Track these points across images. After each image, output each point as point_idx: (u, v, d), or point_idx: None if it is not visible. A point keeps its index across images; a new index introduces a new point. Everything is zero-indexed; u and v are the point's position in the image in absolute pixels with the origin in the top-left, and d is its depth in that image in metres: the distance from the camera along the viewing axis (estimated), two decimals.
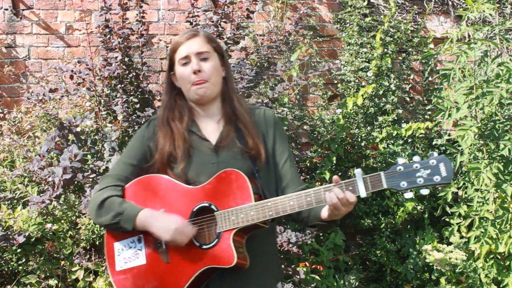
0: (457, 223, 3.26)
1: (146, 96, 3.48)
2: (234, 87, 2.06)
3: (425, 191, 1.69)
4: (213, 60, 1.97)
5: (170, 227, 1.81)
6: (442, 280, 3.69)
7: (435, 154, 1.69)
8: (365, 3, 4.62)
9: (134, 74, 3.43)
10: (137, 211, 1.87)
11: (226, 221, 1.80)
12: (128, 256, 1.92)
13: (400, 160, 1.71)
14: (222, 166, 1.87)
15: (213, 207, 1.84)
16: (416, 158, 1.71)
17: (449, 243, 3.65)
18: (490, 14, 3.11)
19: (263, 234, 1.90)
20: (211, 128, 1.99)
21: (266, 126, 2.00)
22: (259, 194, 1.84)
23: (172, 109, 2.00)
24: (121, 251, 1.94)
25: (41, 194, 3.15)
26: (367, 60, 4.48)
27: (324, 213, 1.81)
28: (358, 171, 1.73)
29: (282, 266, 3.32)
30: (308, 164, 4.20)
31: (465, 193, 3.25)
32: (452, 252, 3.48)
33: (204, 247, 1.82)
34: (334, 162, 4.04)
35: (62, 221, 3.13)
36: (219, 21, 3.52)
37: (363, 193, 1.72)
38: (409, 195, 1.69)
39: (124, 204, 1.89)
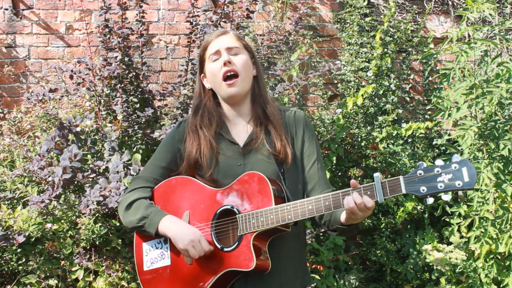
0: (457, 223, 3.26)
1: (146, 96, 3.48)
2: (265, 88, 2.04)
3: (446, 197, 1.61)
4: (244, 55, 1.96)
5: (186, 237, 1.82)
6: (442, 280, 3.68)
7: (458, 157, 1.59)
8: (365, 3, 4.62)
9: (134, 74, 3.43)
10: (161, 216, 1.89)
11: (246, 224, 1.80)
12: (155, 256, 1.95)
13: (422, 164, 1.63)
14: (248, 168, 1.87)
15: (235, 209, 1.84)
16: (438, 162, 1.62)
17: (449, 243, 3.65)
18: (490, 14, 3.11)
19: (289, 238, 1.88)
20: (240, 130, 1.98)
21: (296, 128, 1.98)
22: (282, 197, 1.82)
23: (201, 114, 1.99)
24: (149, 251, 1.97)
25: (41, 194, 3.15)
26: (367, 60, 4.48)
27: (343, 217, 1.79)
28: (377, 175, 1.67)
29: None
30: None
31: (465, 193, 3.25)
32: (452, 252, 3.47)
33: (226, 250, 1.82)
34: (334, 162, 4.04)
35: (62, 221, 3.13)
36: (219, 21, 3.52)
37: (381, 199, 1.66)
38: (430, 200, 1.61)
39: (150, 208, 1.92)
